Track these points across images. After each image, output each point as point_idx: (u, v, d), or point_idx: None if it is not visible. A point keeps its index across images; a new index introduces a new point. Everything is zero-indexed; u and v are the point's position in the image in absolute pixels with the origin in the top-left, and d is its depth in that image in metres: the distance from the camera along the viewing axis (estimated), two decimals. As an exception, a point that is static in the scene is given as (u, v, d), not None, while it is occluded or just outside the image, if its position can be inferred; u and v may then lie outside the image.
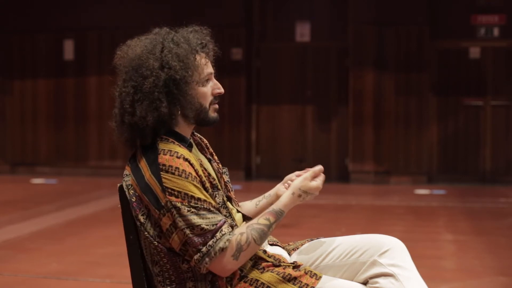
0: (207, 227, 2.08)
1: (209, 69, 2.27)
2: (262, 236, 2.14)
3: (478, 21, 10.51)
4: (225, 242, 2.08)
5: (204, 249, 2.08)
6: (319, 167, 2.27)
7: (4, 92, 11.75)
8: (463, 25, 10.54)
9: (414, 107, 10.53)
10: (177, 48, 2.19)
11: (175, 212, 2.09)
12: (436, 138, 10.63)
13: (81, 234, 6.42)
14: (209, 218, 2.10)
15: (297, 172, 2.40)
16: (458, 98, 10.57)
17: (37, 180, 10.73)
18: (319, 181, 2.26)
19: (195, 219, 2.09)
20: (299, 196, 2.23)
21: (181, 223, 2.09)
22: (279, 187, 2.46)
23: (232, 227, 2.15)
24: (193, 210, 2.09)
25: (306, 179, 2.24)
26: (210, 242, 2.08)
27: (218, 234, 2.09)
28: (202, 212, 2.10)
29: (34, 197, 9.19)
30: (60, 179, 10.91)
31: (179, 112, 2.20)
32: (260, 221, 2.16)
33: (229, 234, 2.10)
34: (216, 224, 2.10)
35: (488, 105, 10.52)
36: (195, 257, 2.09)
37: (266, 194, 2.52)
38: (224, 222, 2.12)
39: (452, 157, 10.59)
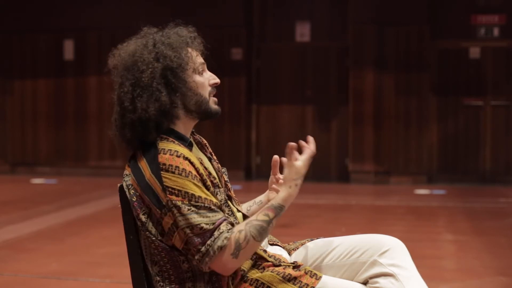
0: (207, 226, 2.08)
1: (201, 59, 2.29)
2: (262, 232, 2.10)
3: (478, 21, 10.51)
4: (223, 241, 2.07)
5: (203, 248, 2.07)
6: (290, 147, 2.15)
7: (4, 92, 11.75)
8: (463, 25, 10.54)
9: (414, 107, 10.53)
10: (168, 39, 2.23)
11: (176, 211, 2.09)
12: (436, 138, 10.63)
13: (81, 234, 6.42)
14: (209, 216, 2.09)
15: (275, 177, 2.41)
16: (458, 98, 10.57)
17: (37, 180, 10.73)
18: (303, 157, 2.17)
19: (195, 218, 2.08)
20: (296, 185, 2.16)
21: (181, 222, 2.09)
22: (268, 193, 2.46)
23: (232, 224, 2.14)
24: (193, 209, 2.08)
25: (291, 165, 2.16)
26: (209, 242, 2.07)
27: (216, 233, 2.08)
28: (202, 210, 2.09)
29: (34, 197, 9.19)
30: (60, 179, 10.92)
31: (180, 102, 2.21)
32: (259, 217, 2.12)
33: (227, 232, 2.09)
34: (215, 223, 2.09)
35: (488, 105, 10.52)
36: (196, 257, 2.09)
37: (257, 199, 2.51)
38: (224, 220, 2.11)
39: (452, 157, 10.59)
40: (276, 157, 2.37)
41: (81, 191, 9.57)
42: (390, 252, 2.23)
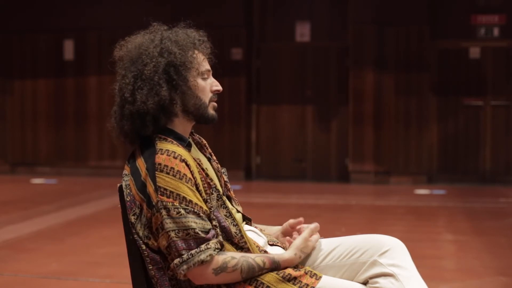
0: (192, 232, 2.07)
1: (207, 66, 2.29)
2: (249, 272, 2.13)
3: (478, 21, 10.51)
4: (207, 256, 2.07)
5: (185, 255, 2.07)
6: (315, 225, 2.32)
7: (4, 92, 11.75)
8: (463, 25, 10.54)
9: (414, 107, 10.53)
10: (176, 37, 2.24)
11: (164, 213, 2.09)
12: (436, 138, 10.63)
13: (81, 234, 6.42)
14: (196, 223, 2.09)
15: (292, 222, 2.42)
16: (458, 98, 10.57)
17: (37, 180, 10.73)
18: (314, 240, 2.29)
19: (182, 223, 2.08)
20: (300, 257, 2.24)
21: (167, 225, 2.09)
22: (280, 235, 2.45)
23: (222, 244, 2.13)
24: (182, 212, 2.08)
25: (306, 240, 2.27)
26: (193, 251, 2.07)
27: (203, 246, 2.08)
28: (190, 216, 2.09)
29: (34, 197, 9.19)
30: (60, 179, 10.91)
31: (179, 100, 2.20)
32: (257, 259, 2.15)
33: (214, 251, 2.09)
34: (205, 232, 2.09)
35: (488, 105, 10.52)
36: (175, 261, 2.09)
37: (269, 227, 2.51)
38: (214, 235, 2.11)
39: (452, 157, 10.59)
40: (301, 221, 2.42)
41: (81, 191, 9.56)
42: (390, 252, 2.22)
